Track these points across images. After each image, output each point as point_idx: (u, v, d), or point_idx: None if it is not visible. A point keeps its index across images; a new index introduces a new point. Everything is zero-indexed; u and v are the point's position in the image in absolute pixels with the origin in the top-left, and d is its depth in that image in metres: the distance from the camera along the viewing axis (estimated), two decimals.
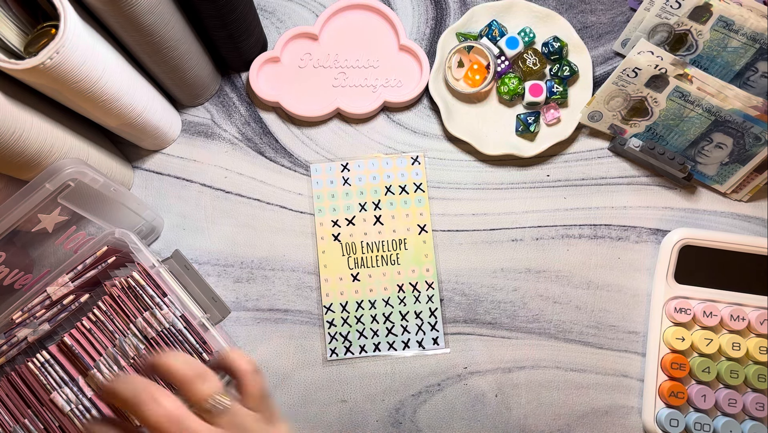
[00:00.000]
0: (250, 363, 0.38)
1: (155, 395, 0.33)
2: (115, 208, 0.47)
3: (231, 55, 0.54)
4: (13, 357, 0.44)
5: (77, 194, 0.42)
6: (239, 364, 0.37)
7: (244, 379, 0.37)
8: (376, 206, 0.56)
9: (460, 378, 0.53)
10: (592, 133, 0.57)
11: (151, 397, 0.32)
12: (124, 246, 0.45)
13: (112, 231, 0.44)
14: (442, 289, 0.55)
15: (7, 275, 0.43)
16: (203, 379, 0.34)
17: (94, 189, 0.43)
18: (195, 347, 0.44)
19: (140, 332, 0.44)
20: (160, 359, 0.35)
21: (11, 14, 0.39)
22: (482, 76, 0.56)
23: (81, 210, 0.44)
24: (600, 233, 0.55)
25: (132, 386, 0.33)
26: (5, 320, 0.43)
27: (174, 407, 0.33)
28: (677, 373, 0.51)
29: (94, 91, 0.42)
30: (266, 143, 0.57)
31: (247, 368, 0.37)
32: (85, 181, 0.42)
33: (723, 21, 0.51)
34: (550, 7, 0.57)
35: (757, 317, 0.51)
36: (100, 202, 0.45)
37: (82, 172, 0.42)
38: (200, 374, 0.34)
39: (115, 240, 0.44)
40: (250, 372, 0.37)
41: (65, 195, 0.42)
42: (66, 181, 0.41)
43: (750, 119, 0.51)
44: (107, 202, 0.45)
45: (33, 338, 0.43)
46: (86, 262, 0.43)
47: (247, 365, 0.37)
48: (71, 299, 0.44)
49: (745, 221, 0.56)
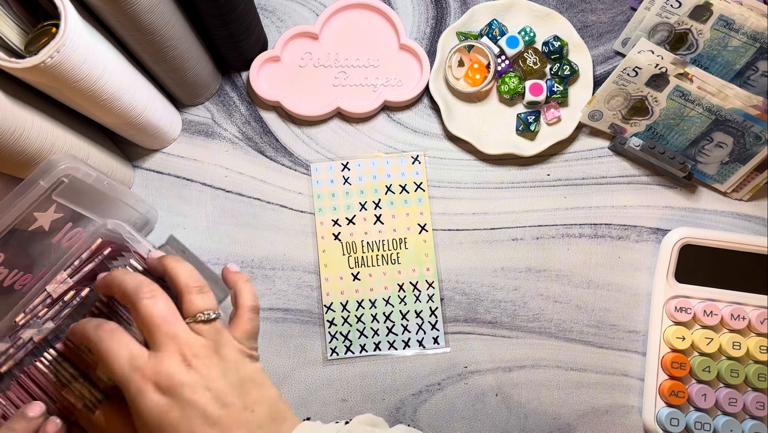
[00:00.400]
0: (253, 300, 0.40)
1: (154, 293, 0.36)
2: (110, 203, 0.47)
3: (231, 54, 0.54)
4: (21, 359, 0.44)
5: (71, 190, 0.43)
6: (243, 299, 0.40)
7: (241, 311, 0.39)
8: (376, 205, 0.56)
9: (461, 377, 0.53)
10: (593, 133, 0.57)
11: (151, 293, 0.35)
12: (118, 237, 0.44)
13: (104, 223, 0.44)
14: (443, 288, 0.55)
15: (6, 275, 0.43)
16: (202, 293, 0.37)
17: (88, 184, 0.43)
18: None
19: None
20: (172, 263, 0.39)
21: (12, 13, 0.39)
22: (482, 75, 0.56)
23: (76, 206, 0.44)
24: (600, 232, 0.55)
25: (137, 281, 0.36)
26: (9, 323, 0.43)
27: (168, 308, 0.35)
28: (677, 372, 0.51)
29: (95, 90, 0.42)
30: (266, 142, 0.57)
31: (248, 305, 0.40)
32: (78, 176, 0.42)
33: (723, 20, 0.51)
34: (551, 7, 0.57)
35: (757, 316, 0.51)
36: (94, 198, 0.45)
37: (75, 167, 0.42)
38: (201, 288, 0.37)
39: (108, 232, 0.44)
40: (249, 309, 0.40)
41: (59, 192, 0.42)
42: (60, 177, 0.41)
43: (750, 118, 0.51)
44: (101, 197, 0.46)
45: (38, 337, 0.43)
46: (82, 257, 0.43)
47: (249, 301, 0.40)
48: (72, 295, 0.44)
49: (746, 220, 0.56)
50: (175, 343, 0.35)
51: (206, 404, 0.34)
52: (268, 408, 0.36)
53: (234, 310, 0.41)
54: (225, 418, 0.34)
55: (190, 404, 0.33)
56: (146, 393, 0.33)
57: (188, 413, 0.33)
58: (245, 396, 0.35)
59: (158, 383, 0.34)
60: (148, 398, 0.33)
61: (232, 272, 0.43)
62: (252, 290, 0.41)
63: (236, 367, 0.36)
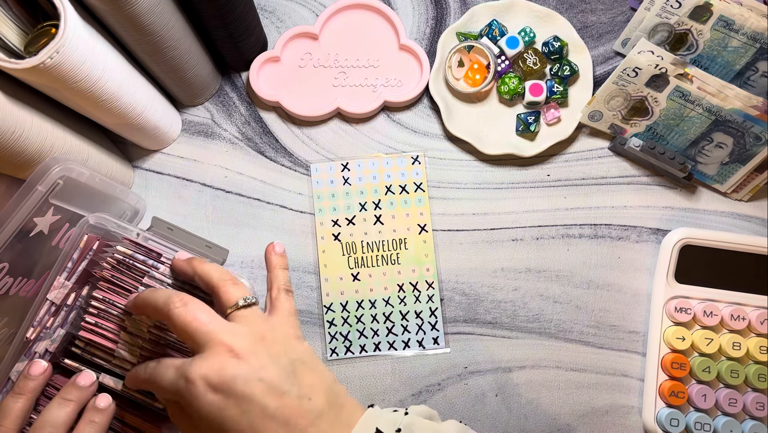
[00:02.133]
0: (287, 284, 0.42)
1: (185, 300, 0.36)
2: (102, 199, 0.47)
3: (231, 54, 0.54)
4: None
5: (66, 192, 0.43)
6: (278, 282, 0.42)
7: (275, 293, 0.42)
8: (376, 206, 0.56)
9: (461, 378, 0.53)
10: (593, 133, 0.57)
11: (181, 301, 0.36)
12: (103, 229, 0.44)
13: (86, 219, 0.44)
14: (443, 288, 0.55)
15: (11, 284, 0.43)
16: (235, 284, 0.39)
17: (82, 183, 0.44)
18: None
19: None
20: (200, 264, 0.40)
21: (11, 14, 0.39)
22: (482, 75, 0.56)
23: (72, 206, 0.44)
24: (600, 233, 0.55)
25: (165, 295, 0.37)
26: (21, 341, 0.43)
27: (202, 309, 0.36)
28: (677, 372, 0.51)
29: (94, 91, 0.42)
30: (266, 143, 0.57)
31: (282, 288, 0.42)
32: (72, 176, 0.42)
33: (723, 21, 0.51)
34: (551, 7, 0.57)
35: (757, 316, 0.51)
36: (87, 196, 0.45)
37: (68, 168, 0.42)
38: (233, 280, 0.39)
39: (92, 226, 0.44)
40: (284, 291, 0.42)
41: (55, 194, 0.42)
42: (56, 180, 0.41)
43: (750, 119, 0.51)
44: (94, 194, 0.46)
45: (53, 347, 0.43)
46: (74, 257, 0.43)
47: (284, 285, 0.42)
48: (74, 297, 0.44)
49: (746, 221, 0.56)
50: (217, 339, 0.34)
51: (262, 397, 0.33)
52: (325, 394, 0.35)
53: (268, 295, 0.42)
54: (283, 410, 0.33)
55: (246, 398, 0.33)
56: (200, 396, 0.33)
57: (245, 408, 0.33)
58: (300, 382, 0.35)
59: (210, 382, 0.33)
60: (204, 399, 0.33)
61: (274, 254, 0.44)
62: (286, 276, 0.43)
63: (285, 350, 0.36)
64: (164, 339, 0.42)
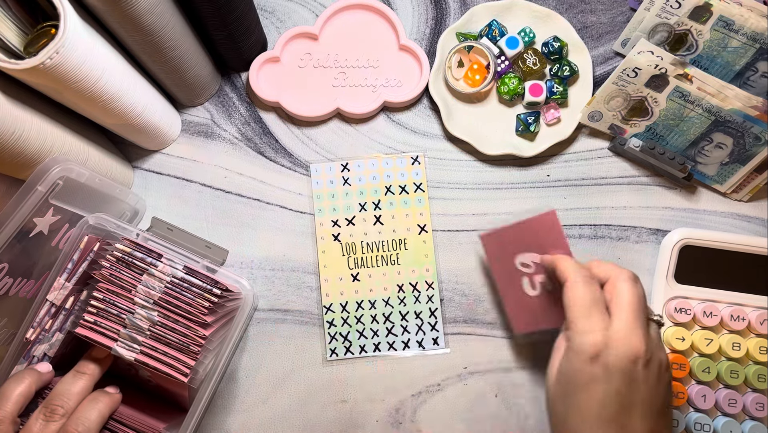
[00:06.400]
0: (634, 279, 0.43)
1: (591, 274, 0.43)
2: (101, 199, 0.47)
3: (231, 55, 0.54)
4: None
5: (66, 192, 0.43)
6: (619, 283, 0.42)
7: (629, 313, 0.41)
8: (376, 206, 0.56)
9: (460, 378, 0.53)
10: (592, 133, 0.57)
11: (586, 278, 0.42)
12: (103, 230, 0.44)
13: (86, 220, 0.44)
14: (442, 289, 0.55)
15: (11, 285, 0.43)
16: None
17: (81, 183, 0.44)
18: (205, 287, 0.43)
19: (146, 300, 0.42)
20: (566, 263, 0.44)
21: (11, 14, 0.39)
22: (482, 76, 0.56)
23: (71, 207, 0.44)
24: (600, 233, 0.55)
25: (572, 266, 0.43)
26: (20, 341, 0.43)
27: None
28: (677, 373, 0.51)
29: (94, 91, 0.42)
30: (266, 143, 0.57)
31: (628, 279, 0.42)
32: (72, 176, 0.42)
33: (723, 21, 0.51)
34: (550, 7, 0.57)
35: (757, 317, 0.51)
36: (87, 196, 0.45)
37: (68, 168, 0.42)
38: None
39: (92, 227, 0.44)
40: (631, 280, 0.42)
41: (55, 194, 0.42)
42: (55, 180, 0.41)
43: (750, 119, 0.51)
44: (94, 195, 0.46)
45: (52, 351, 0.43)
46: (74, 258, 0.43)
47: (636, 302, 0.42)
48: (73, 299, 0.44)
49: (745, 221, 0.56)
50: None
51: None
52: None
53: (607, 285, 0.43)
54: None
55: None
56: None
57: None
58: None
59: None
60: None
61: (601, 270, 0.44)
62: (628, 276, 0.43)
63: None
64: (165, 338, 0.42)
